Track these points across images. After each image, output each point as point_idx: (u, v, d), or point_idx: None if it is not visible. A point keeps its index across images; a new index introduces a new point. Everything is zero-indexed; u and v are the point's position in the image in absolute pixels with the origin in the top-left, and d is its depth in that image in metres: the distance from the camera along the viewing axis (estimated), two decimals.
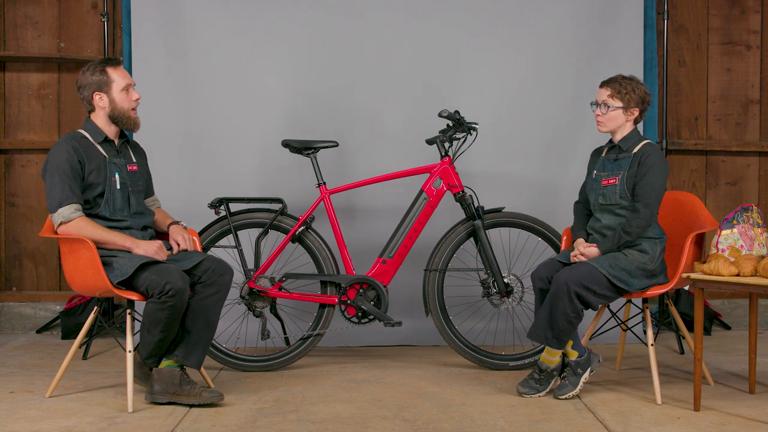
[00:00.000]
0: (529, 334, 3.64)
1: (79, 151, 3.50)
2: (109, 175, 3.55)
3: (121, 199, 3.58)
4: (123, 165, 3.62)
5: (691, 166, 5.05)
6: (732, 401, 3.53)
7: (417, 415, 3.38)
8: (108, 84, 3.57)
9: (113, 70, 3.59)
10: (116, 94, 3.58)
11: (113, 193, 3.55)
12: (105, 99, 3.58)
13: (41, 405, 3.50)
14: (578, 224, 3.82)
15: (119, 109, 3.58)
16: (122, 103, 3.59)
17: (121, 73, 3.61)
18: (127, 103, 3.60)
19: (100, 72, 3.57)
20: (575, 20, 4.68)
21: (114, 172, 3.57)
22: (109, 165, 3.57)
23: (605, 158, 3.73)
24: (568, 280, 3.47)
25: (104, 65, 3.59)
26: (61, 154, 3.48)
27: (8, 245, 4.98)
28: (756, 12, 5.03)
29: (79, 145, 3.52)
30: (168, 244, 3.66)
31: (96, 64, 3.60)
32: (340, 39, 4.66)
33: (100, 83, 3.57)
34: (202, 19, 4.63)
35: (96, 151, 3.56)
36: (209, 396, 3.45)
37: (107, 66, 3.59)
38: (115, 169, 3.58)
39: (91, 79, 3.57)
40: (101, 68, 3.58)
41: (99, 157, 3.56)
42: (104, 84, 3.57)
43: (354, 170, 4.60)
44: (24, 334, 4.89)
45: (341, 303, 4.11)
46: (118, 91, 3.58)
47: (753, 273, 3.30)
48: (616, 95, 3.63)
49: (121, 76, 3.60)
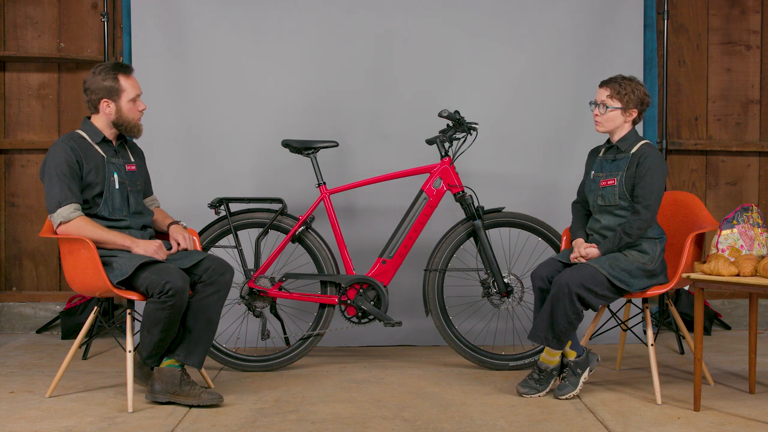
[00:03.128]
0: (529, 336, 3.64)
1: (76, 151, 3.49)
2: (108, 174, 3.54)
3: (120, 198, 3.57)
4: (121, 165, 3.61)
5: (691, 166, 5.05)
6: (732, 401, 3.53)
7: (417, 415, 3.38)
8: (118, 93, 3.53)
9: (125, 78, 3.55)
10: (124, 103, 3.54)
11: (112, 193, 3.55)
12: (112, 107, 3.54)
13: (41, 405, 3.50)
14: (577, 224, 3.82)
15: (125, 118, 3.55)
16: (129, 113, 3.56)
17: (132, 83, 3.56)
18: (134, 114, 3.57)
19: (112, 79, 3.52)
20: (575, 20, 4.68)
21: (113, 172, 3.56)
22: (108, 165, 3.55)
23: (603, 158, 3.73)
24: (569, 282, 3.47)
25: (116, 72, 3.54)
26: (58, 155, 3.46)
27: (8, 245, 4.98)
28: (756, 12, 5.03)
29: (76, 145, 3.51)
30: (168, 244, 3.66)
31: (108, 69, 3.54)
32: (340, 39, 4.66)
33: (110, 91, 3.52)
34: (202, 19, 4.63)
35: (94, 151, 3.55)
36: (208, 398, 3.45)
37: (119, 73, 3.54)
38: (114, 169, 3.57)
39: (102, 85, 3.52)
40: (113, 75, 3.53)
41: (97, 157, 3.54)
42: (114, 92, 3.53)
43: (354, 170, 4.60)
44: (24, 334, 4.89)
45: (341, 303, 4.11)
46: (127, 101, 3.54)
47: (753, 273, 3.30)
48: (615, 96, 3.62)
49: (132, 86, 3.56)
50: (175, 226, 3.72)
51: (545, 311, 3.55)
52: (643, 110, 3.67)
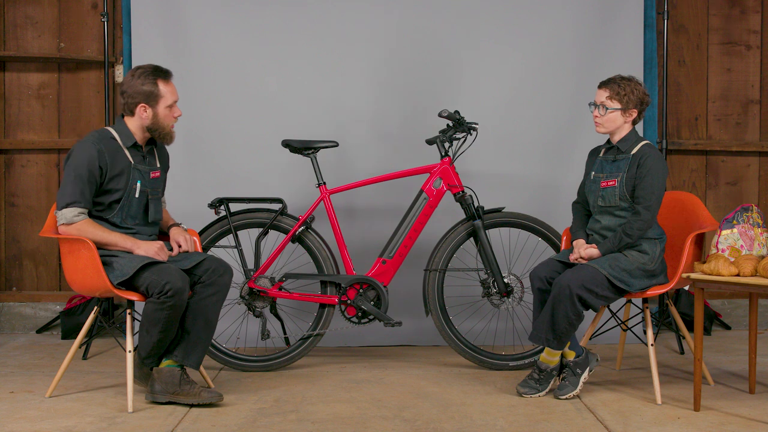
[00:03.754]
0: (530, 338, 3.63)
1: (103, 156, 3.43)
2: (131, 182, 3.50)
3: (137, 207, 3.54)
4: (146, 172, 3.57)
5: (691, 166, 5.05)
6: (732, 401, 3.53)
7: (417, 415, 3.38)
8: (156, 99, 3.48)
9: (164, 84, 3.50)
10: (161, 109, 3.50)
11: (130, 201, 3.52)
12: (149, 112, 3.49)
13: (41, 405, 3.50)
14: (577, 224, 3.82)
15: (161, 124, 3.52)
16: (165, 119, 3.52)
17: (171, 89, 3.52)
18: (169, 120, 3.53)
19: (152, 84, 3.47)
20: (575, 20, 4.68)
21: (136, 180, 3.52)
22: (133, 171, 3.51)
23: (603, 159, 3.73)
24: (570, 283, 3.46)
25: (156, 77, 3.49)
26: (84, 155, 3.41)
27: (8, 245, 4.98)
28: (756, 12, 5.03)
29: (105, 148, 3.45)
30: (169, 245, 3.65)
31: (148, 73, 3.49)
32: (340, 39, 4.67)
33: (149, 96, 3.48)
34: (202, 19, 4.63)
35: (122, 155, 3.50)
36: (208, 396, 3.45)
37: (159, 78, 3.49)
38: (138, 177, 3.52)
39: (141, 89, 3.47)
40: (153, 80, 3.48)
41: (124, 162, 3.50)
42: (152, 98, 3.48)
43: (354, 170, 4.59)
44: (24, 334, 4.89)
45: (341, 303, 4.11)
46: (164, 107, 3.50)
47: (753, 273, 3.30)
48: (615, 97, 3.61)
49: (171, 92, 3.52)
50: (176, 228, 3.71)
51: (546, 313, 3.54)
52: (643, 110, 3.67)
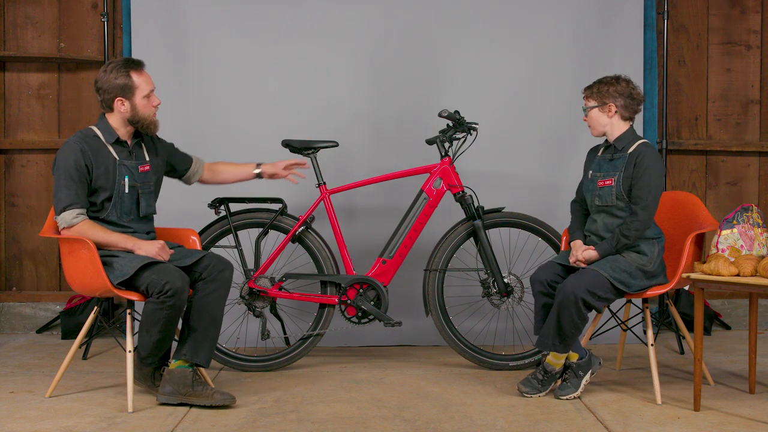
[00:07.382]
0: (537, 344, 3.63)
1: (87, 154, 3.44)
2: (118, 178, 3.50)
3: (128, 202, 3.54)
4: (134, 167, 3.56)
5: (691, 166, 5.05)
6: (732, 401, 3.53)
7: (417, 415, 3.38)
8: (131, 90, 3.48)
9: (138, 74, 3.50)
10: (139, 100, 3.49)
11: (121, 197, 3.51)
12: (127, 105, 3.49)
13: (41, 405, 3.50)
14: (575, 224, 3.81)
15: (140, 115, 3.51)
16: (144, 109, 3.51)
17: (145, 79, 3.51)
18: (149, 110, 3.53)
19: (125, 76, 3.47)
20: (575, 20, 4.68)
21: (123, 176, 3.51)
22: (119, 167, 3.51)
23: (601, 158, 3.73)
24: (575, 290, 3.46)
25: (128, 69, 3.48)
26: (69, 156, 3.42)
27: (8, 245, 4.98)
28: (756, 12, 5.03)
29: (88, 147, 3.46)
30: (170, 244, 3.64)
31: (120, 66, 3.49)
32: (340, 39, 4.67)
33: (124, 89, 3.47)
34: (203, 19, 4.63)
35: (106, 152, 3.50)
36: (221, 398, 3.42)
37: (131, 70, 3.49)
38: (125, 172, 3.52)
39: (115, 83, 3.47)
40: (125, 72, 3.47)
41: (108, 159, 3.50)
42: (128, 90, 3.47)
43: (354, 170, 4.59)
44: (24, 334, 4.89)
45: (341, 303, 4.11)
46: (141, 97, 3.49)
47: (753, 273, 3.30)
48: (590, 96, 3.67)
49: (146, 81, 3.51)
50: (265, 165, 3.91)
51: (552, 319, 3.54)
52: (631, 104, 3.62)
